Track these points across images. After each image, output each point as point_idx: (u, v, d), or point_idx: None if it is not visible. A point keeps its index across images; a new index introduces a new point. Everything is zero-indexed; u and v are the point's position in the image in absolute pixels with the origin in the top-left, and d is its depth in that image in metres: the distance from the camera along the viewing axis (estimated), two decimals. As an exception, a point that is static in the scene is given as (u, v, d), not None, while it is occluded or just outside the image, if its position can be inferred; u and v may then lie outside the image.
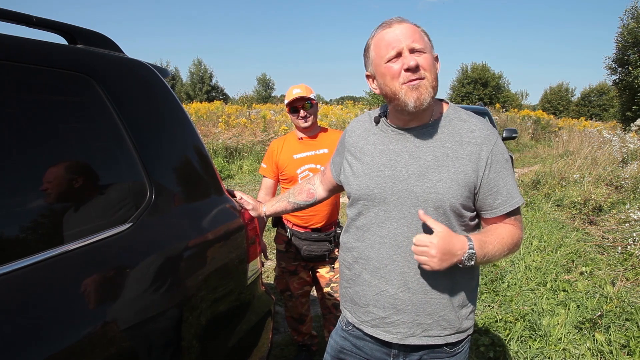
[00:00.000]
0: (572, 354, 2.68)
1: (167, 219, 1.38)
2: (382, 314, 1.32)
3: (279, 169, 2.56)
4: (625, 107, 24.98)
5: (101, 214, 1.22)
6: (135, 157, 1.31)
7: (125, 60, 1.42)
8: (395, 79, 1.21)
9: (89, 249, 1.12)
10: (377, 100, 31.07)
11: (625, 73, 23.71)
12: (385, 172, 1.29)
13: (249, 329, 1.70)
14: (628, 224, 5.17)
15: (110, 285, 1.16)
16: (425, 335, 1.31)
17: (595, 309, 3.13)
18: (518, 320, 3.08)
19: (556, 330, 2.91)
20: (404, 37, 1.19)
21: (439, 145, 1.26)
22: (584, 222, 5.79)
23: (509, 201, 1.26)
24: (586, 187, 6.80)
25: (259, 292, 1.78)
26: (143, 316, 1.21)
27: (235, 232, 1.62)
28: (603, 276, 3.84)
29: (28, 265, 0.99)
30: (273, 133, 12.32)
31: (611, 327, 2.86)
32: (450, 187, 1.22)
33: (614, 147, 9.07)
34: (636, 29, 22.65)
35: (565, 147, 11.70)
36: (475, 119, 1.30)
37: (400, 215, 1.27)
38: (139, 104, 1.40)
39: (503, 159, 1.25)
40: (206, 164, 1.61)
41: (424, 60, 1.19)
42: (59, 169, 1.15)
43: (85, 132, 1.25)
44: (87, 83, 1.25)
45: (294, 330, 2.83)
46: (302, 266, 2.64)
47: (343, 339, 1.49)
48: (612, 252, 4.49)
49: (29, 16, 1.21)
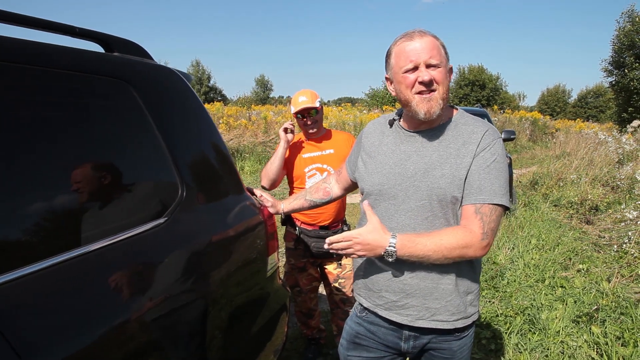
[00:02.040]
0: (569, 345, 2.80)
1: (196, 215, 1.49)
2: (394, 297, 1.43)
3: (287, 168, 2.67)
4: (621, 109, 25.23)
5: (142, 208, 1.33)
6: (167, 156, 1.42)
7: (156, 67, 1.54)
8: (410, 88, 1.33)
9: (132, 240, 1.23)
10: (375, 102, 31.21)
11: (622, 75, 23.95)
12: (396, 170, 1.42)
13: (267, 321, 1.80)
14: (624, 223, 5.30)
15: (149, 274, 1.27)
16: (434, 320, 1.41)
17: (592, 304, 3.26)
18: (518, 315, 3.20)
19: (554, 323, 3.03)
20: (423, 51, 1.30)
21: (443, 145, 1.38)
22: (581, 221, 5.92)
23: (475, 195, 1.32)
24: (583, 187, 6.94)
25: (276, 285, 1.89)
26: (174, 305, 1.32)
27: (256, 228, 1.73)
28: (599, 273, 3.96)
29: (85, 253, 1.11)
30: (274, 134, 12.43)
31: (607, 321, 2.98)
32: (452, 181, 1.33)
33: (610, 149, 9.20)
34: (632, 32, 22.89)
35: (562, 149, 11.84)
36: (480, 123, 1.41)
37: (407, 208, 1.39)
38: (169, 107, 1.51)
39: (492, 157, 1.33)
40: (228, 163, 1.72)
41: (438, 74, 1.31)
42: (104, 167, 1.26)
43: (125, 134, 1.35)
44: (124, 89, 1.36)
45: (303, 325, 2.93)
46: (310, 263, 2.74)
47: (358, 325, 1.59)
48: (608, 250, 4.62)
49: (72, 27, 1.32)
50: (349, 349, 1.62)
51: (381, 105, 27.64)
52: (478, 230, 1.29)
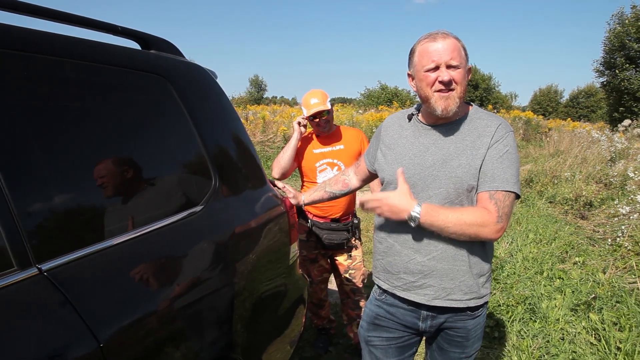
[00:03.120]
0: (569, 332, 2.94)
1: (228, 204, 1.59)
2: (412, 278, 1.53)
3: (299, 163, 2.78)
4: (613, 109, 25.62)
5: (181, 196, 1.44)
6: (202, 147, 1.52)
7: (188, 64, 1.64)
8: (430, 86, 1.43)
9: (178, 225, 1.34)
10: (371, 102, 31.36)
11: (612, 76, 24.35)
12: (415, 161, 1.52)
13: (287, 310, 1.90)
14: (617, 218, 5.46)
15: (188, 258, 1.37)
16: (449, 299, 1.51)
17: (589, 293, 3.40)
18: (519, 304, 3.33)
19: (554, 312, 3.17)
20: (445, 52, 1.39)
21: (459, 138, 1.49)
22: (576, 216, 6.09)
23: (490, 183, 1.42)
24: (577, 184, 7.11)
25: (297, 274, 2.00)
26: (208, 289, 1.41)
27: (280, 217, 1.83)
28: (595, 265, 4.11)
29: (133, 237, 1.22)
30: (272, 134, 12.52)
31: (604, 309, 3.12)
32: (468, 171, 1.43)
33: (603, 147, 9.39)
34: (622, 34, 23.27)
35: (556, 147, 12.04)
36: (494, 117, 1.52)
37: (426, 195, 1.49)
38: (201, 101, 1.61)
39: (505, 149, 1.44)
40: (252, 155, 1.82)
41: (457, 75, 1.41)
42: (148, 157, 1.36)
43: (165, 126, 1.46)
44: (163, 84, 1.46)
45: (313, 315, 3.04)
46: (321, 254, 2.85)
47: (377, 307, 1.68)
48: (602, 244, 4.77)
49: (115, 26, 1.42)
50: (369, 330, 1.71)
51: (377, 105, 27.79)
52: (495, 210, 1.39)
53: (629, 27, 22.85)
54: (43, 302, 0.94)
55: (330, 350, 2.99)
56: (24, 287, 0.92)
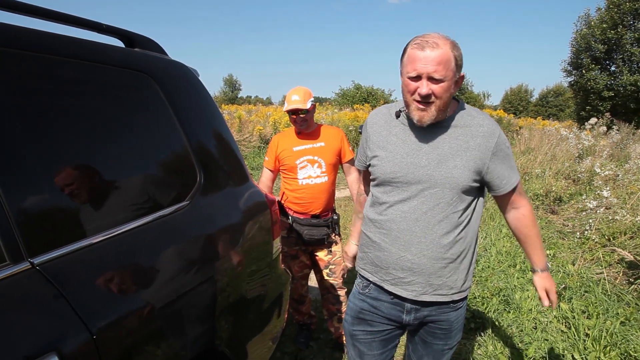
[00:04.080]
0: (541, 321, 3.06)
1: (212, 200, 1.60)
2: (401, 274, 1.55)
3: (280, 161, 2.80)
4: (580, 108, 26.57)
5: (169, 191, 1.45)
6: (186, 143, 1.53)
7: (172, 62, 1.65)
8: (410, 94, 1.42)
9: (165, 220, 1.36)
10: (346, 101, 31.53)
11: (579, 75, 25.26)
12: (408, 160, 1.51)
13: (272, 303, 1.92)
14: (585, 212, 5.69)
15: (176, 252, 1.39)
16: (435, 294, 1.55)
17: (560, 284, 3.54)
18: (494, 296, 3.44)
19: (527, 302, 3.29)
20: (429, 64, 1.34)
21: (453, 137, 1.49)
22: (547, 211, 6.31)
23: (511, 180, 1.53)
24: (547, 180, 7.36)
25: (280, 269, 2.02)
26: (195, 283, 1.43)
27: (263, 213, 1.85)
28: (565, 257, 4.28)
29: (123, 231, 1.24)
30: (248, 133, 12.47)
31: (573, 298, 3.27)
32: (463, 172, 1.46)
33: (571, 144, 9.74)
34: (588, 35, 24.14)
35: (527, 145, 12.37)
36: (482, 115, 1.53)
37: (420, 195, 1.49)
38: (185, 99, 1.61)
39: (505, 147, 1.50)
40: (235, 153, 1.84)
41: (439, 88, 1.37)
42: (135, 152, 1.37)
43: (151, 123, 1.46)
44: (148, 81, 1.47)
45: (294, 311, 3.07)
46: (302, 250, 2.89)
47: (361, 301, 1.69)
48: (571, 237, 4.97)
49: (100, 24, 1.41)
50: (353, 324, 1.72)
51: (352, 104, 27.96)
52: (527, 202, 1.61)
53: (594, 29, 23.76)
54: (36, 295, 0.95)
55: (311, 345, 3.03)
56: (17, 281, 0.93)
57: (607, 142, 10.42)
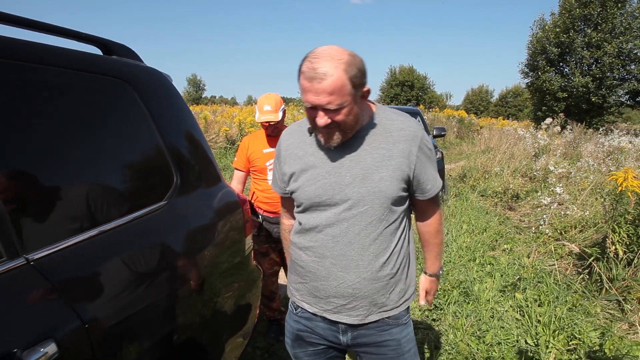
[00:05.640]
0: (498, 310, 3.26)
1: (189, 199, 1.67)
2: (343, 302, 1.43)
3: (250, 162, 2.88)
4: (537, 108, 27.77)
5: (148, 192, 1.52)
6: (162, 146, 1.59)
7: (148, 69, 1.70)
8: (312, 119, 1.32)
9: (145, 219, 1.43)
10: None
11: (536, 77, 26.41)
12: (331, 179, 1.38)
13: (244, 298, 2.01)
14: (540, 208, 6.04)
15: (155, 250, 1.45)
16: (382, 311, 1.46)
17: (515, 275, 3.77)
18: (455, 289, 3.63)
19: (485, 294, 3.49)
20: (322, 95, 1.22)
21: (374, 147, 1.37)
22: (505, 208, 6.63)
23: (436, 183, 1.46)
24: (505, 178, 7.73)
25: (251, 266, 2.10)
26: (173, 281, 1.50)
27: (235, 211, 1.93)
28: (521, 251, 4.55)
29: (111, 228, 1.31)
30: (214, 134, 12.38)
31: (527, 288, 3.50)
32: (391, 183, 1.36)
33: (528, 144, 10.20)
34: (543, 38, 25.28)
35: (486, 144, 12.86)
36: (402, 117, 1.43)
37: (350, 215, 1.37)
38: (161, 104, 1.68)
39: (428, 150, 1.41)
40: (208, 153, 1.91)
41: (339, 116, 1.26)
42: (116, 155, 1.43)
43: (129, 126, 1.52)
44: (124, 87, 1.52)
45: (265, 307, 3.15)
46: (272, 248, 2.98)
47: (296, 323, 1.59)
48: (527, 232, 5.26)
49: (79, 32, 1.46)
50: (294, 347, 1.63)
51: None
52: (440, 210, 1.57)
53: (549, 33, 24.91)
54: (31, 289, 1.01)
55: (281, 339, 3.11)
56: (12, 276, 0.99)
57: (561, 141, 10.95)
